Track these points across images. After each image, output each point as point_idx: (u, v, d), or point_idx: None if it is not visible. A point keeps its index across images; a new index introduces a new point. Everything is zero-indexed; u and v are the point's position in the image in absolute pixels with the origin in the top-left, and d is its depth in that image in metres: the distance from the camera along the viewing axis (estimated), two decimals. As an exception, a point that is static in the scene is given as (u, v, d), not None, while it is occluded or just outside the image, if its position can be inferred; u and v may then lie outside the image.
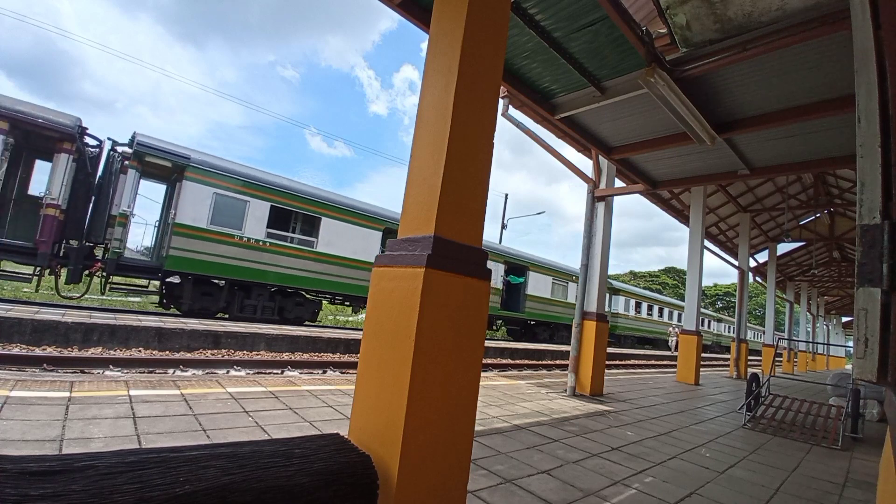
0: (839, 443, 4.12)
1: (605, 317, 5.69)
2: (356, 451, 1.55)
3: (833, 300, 26.84)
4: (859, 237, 0.96)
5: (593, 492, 2.25)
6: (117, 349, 6.27)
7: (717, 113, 4.39)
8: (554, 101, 4.55)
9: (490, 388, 5.04)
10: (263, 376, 4.25)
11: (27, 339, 5.78)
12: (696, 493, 2.43)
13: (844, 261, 16.30)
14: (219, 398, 3.08)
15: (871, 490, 2.87)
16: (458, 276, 1.66)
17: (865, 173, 0.99)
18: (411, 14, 3.30)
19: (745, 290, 11.76)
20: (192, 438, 2.24)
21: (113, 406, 2.60)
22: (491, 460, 2.53)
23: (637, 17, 4.02)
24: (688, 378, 8.39)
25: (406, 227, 1.77)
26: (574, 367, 5.44)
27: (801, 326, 24.82)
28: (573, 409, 4.43)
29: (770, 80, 3.82)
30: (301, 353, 8.02)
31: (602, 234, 5.76)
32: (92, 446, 1.99)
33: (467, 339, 1.70)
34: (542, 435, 3.24)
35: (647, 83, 3.59)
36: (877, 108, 0.99)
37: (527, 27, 3.40)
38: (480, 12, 1.78)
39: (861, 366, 0.91)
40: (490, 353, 11.24)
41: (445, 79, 1.74)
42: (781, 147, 5.01)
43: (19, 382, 2.82)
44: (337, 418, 2.98)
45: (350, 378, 4.66)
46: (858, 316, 0.93)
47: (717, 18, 3.17)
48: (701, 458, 3.19)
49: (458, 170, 1.69)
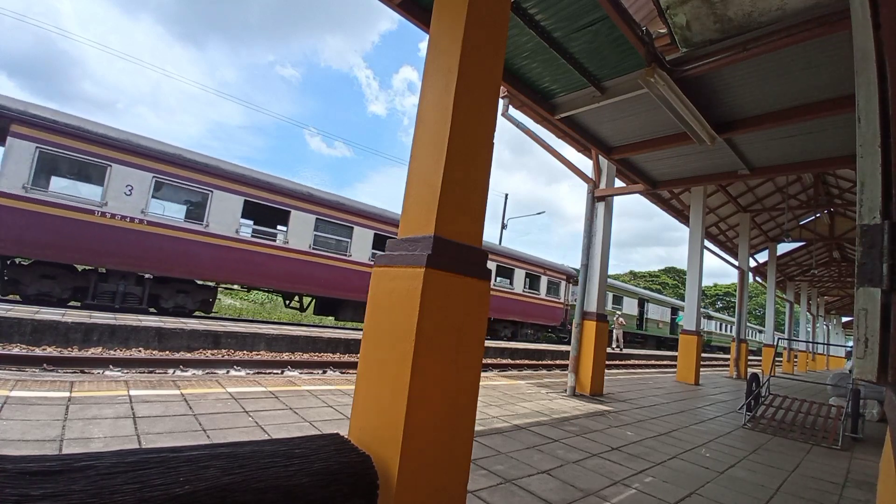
0: (839, 443, 4.12)
1: (605, 317, 5.69)
2: (356, 451, 1.55)
3: (833, 300, 26.84)
4: (859, 237, 0.95)
5: (593, 492, 2.25)
6: (117, 349, 6.27)
7: (717, 113, 4.39)
8: (554, 101, 4.55)
9: (490, 388, 5.04)
10: (263, 376, 4.25)
11: (27, 339, 5.78)
12: (696, 493, 2.43)
13: (844, 261, 16.30)
14: (219, 398, 3.08)
15: (871, 490, 2.87)
16: (458, 276, 1.66)
17: (865, 173, 0.99)
18: (411, 14, 3.30)
19: (745, 290, 11.76)
20: (192, 438, 2.24)
21: (113, 406, 2.60)
22: (491, 460, 2.53)
23: (637, 17, 4.02)
24: (688, 378, 8.38)
25: (406, 227, 1.77)
26: (574, 367, 5.43)
27: (801, 326, 24.82)
28: (573, 409, 4.43)
29: (770, 80, 3.82)
30: (301, 353, 8.03)
31: (602, 234, 5.76)
32: (92, 446, 1.98)
33: (467, 339, 1.70)
34: (542, 435, 3.24)
35: (647, 83, 3.59)
36: (877, 108, 0.99)
37: (527, 27, 3.40)
38: (480, 12, 1.78)
39: (861, 366, 0.91)
40: (490, 353, 11.23)
41: (445, 79, 1.74)
42: (781, 147, 5.01)
43: (19, 382, 2.82)
44: (337, 418, 2.98)
45: (350, 378, 4.66)
46: (858, 316, 0.93)
47: (717, 18, 3.17)
48: (701, 458, 3.19)
49: (458, 170, 1.69)
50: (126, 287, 8.67)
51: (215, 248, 9.42)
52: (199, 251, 9.21)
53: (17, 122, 7.34)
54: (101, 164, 8.06)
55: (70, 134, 7.75)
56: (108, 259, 8.25)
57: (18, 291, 7.96)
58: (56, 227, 7.62)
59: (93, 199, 8.04)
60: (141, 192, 8.48)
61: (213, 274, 9.53)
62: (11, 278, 7.84)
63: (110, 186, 8.13)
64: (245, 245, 9.91)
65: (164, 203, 9.43)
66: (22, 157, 7.34)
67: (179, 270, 9.09)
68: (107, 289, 8.51)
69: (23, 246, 7.45)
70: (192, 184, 9.14)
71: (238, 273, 9.80)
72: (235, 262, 9.72)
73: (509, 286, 16.25)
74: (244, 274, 9.89)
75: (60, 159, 7.79)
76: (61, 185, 8.15)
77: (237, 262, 9.74)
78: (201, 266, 9.29)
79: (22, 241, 7.39)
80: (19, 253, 7.55)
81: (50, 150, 7.57)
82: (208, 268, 9.38)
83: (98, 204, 8.03)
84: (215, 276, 9.61)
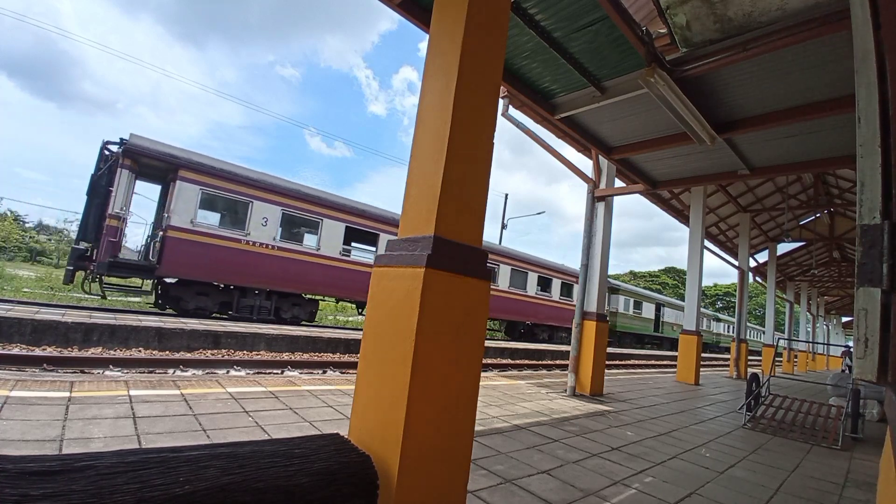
0: (839, 443, 4.12)
1: (605, 317, 5.69)
2: (356, 451, 1.55)
3: (833, 300, 26.84)
4: (859, 237, 0.95)
5: (593, 492, 2.25)
6: (117, 349, 6.27)
7: (717, 113, 4.39)
8: (554, 101, 4.55)
9: (490, 388, 5.04)
10: (263, 376, 4.25)
11: (27, 339, 5.78)
12: (696, 493, 2.43)
13: (844, 261, 16.29)
14: (219, 398, 3.08)
15: (871, 490, 2.87)
16: (458, 276, 1.66)
17: (865, 173, 0.99)
18: (411, 14, 3.30)
19: (745, 290, 11.76)
20: (192, 438, 2.24)
21: (113, 406, 2.60)
22: (491, 460, 2.53)
23: (637, 17, 4.02)
24: (688, 378, 8.38)
25: (406, 227, 1.77)
26: (574, 367, 5.43)
27: (801, 326, 24.83)
28: (573, 409, 4.43)
29: (770, 80, 3.82)
30: (301, 353, 8.02)
31: (602, 234, 5.76)
32: (92, 446, 1.98)
33: (467, 339, 1.70)
34: (542, 435, 3.24)
35: (647, 83, 3.59)
36: (877, 108, 0.99)
37: (527, 27, 3.40)
38: (480, 12, 1.78)
39: (861, 366, 0.91)
40: (490, 353, 11.23)
41: (445, 79, 1.74)
42: (781, 147, 5.01)
43: (19, 382, 2.82)
44: (337, 418, 2.98)
45: (350, 378, 4.66)
46: (858, 316, 0.93)
47: (717, 18, 3.17)
48: (701, 458, 3.19)
49: (458, 170, 1.69)
50: (260, 301, 10.18)
51: (325, 268, 11.06)
52: (313, 270, 10.85)
53: (184, 168, 8.91)
54: (245, 200, 9.79)
55: (223, 177, 9.44)
56: (249, 279, 9.83)
57: (179, 307, 9.36)
58: (213, 253, 9.28)
59: (239, 229, 9.73)
60: (273, 223, 10.19)
61: (322, 289, 11.17)
62: (175, 295, 9.30)
63: (252, 219, 9.85)
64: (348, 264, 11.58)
65: (289, 231, 10.90)
66: (189, 198, 8.96)
67: (297, 286, 10.71)
68: (246, 303, 10.00)
69: (189, 269, 9.02)
70: (309, 214, 10.85)
71: (341, 288, 11.43)
72: (340, 279, 11.33)
73: (548, 295, 18.35)
74: (345, 288, 11.51)
75: (217, 198, 9.49)
76: (217, 219, 9.85)
77: (341, 279, 11.37)
78: (314, 282, 10.93)
79: (188, 265, 8.97)
80: (186, 275, 9.06)
81: (209, 191, 9.27)
82: (320, 283, 11.03)
83: (243, 233, 9.74)
84: (324, 290, 11.23)
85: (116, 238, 8.52)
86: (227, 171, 9.49)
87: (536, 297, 17.52)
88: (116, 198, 8.45)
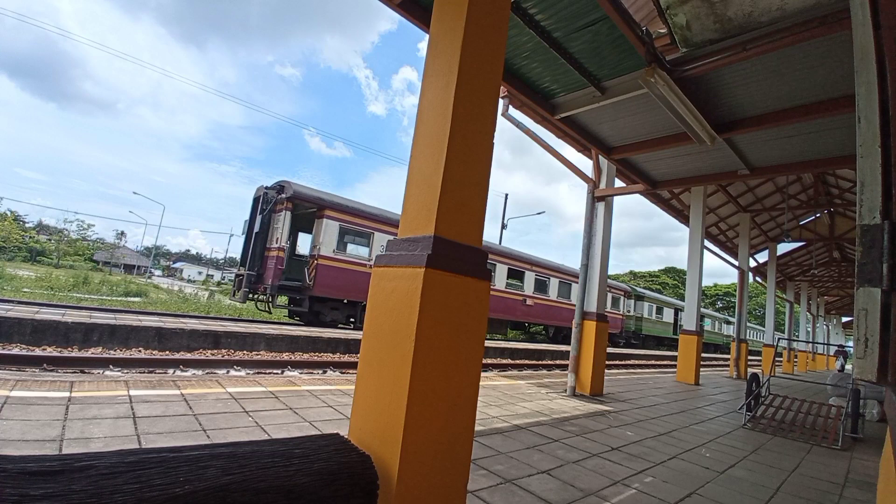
0: (839, 443, 4.12)
1: (605, 317, 5.69)
2: (356, 451, 1.55)
3: (833, 300, 26.83)
4: (859, 237, 0.95)
5: (593, 492, 2.25)
6: (117, 349, 6.27)
7: (717, 113, 4.39)
8: (554, 101, 4.55)
9: (490, 388, 5.04)
10: (263, 376, 4.25)
11: (27, 339, 5.78)
12: (696, 493, 2.43)
13: (844, 261, 16.29)
14: (219, 398, 3.08)
15: (871, 490, 2.87)
16: (458, 276, 1.66)
17: (865, 173, 0.99)
18: (411, 14, 3.29)
19: (745, 290, 11.76)
20: (192, 438, 2.24)
21: (113, 406, 2.60)
22: (491, 460, 2.53)
23: (637, 17, 4.02)
24: (688, 378, 8.38)
25: (406, 227, 1.77)
26: (574, 367, 5.43)
27: (801, 326, 24.83)
28: (573, 409, 4.43)
29: (770, 80, 3.82)
30: (301, 353, 8.02)
31: (602, 234, 5.76)
32: (92, 446, 1.98)
33: (467, 339, 1.70)
34: (542, 435, 3.24)
35: (647, 83, 3.59)
36: (877, 108, 0.99)
37: (527, 27, 3.40)
38: (480, 12, 1.78)
39: (861, 366, 0.91)
40: (490, 353, 11.23)
41: (445, 79, 1.74)
42: (781, 147, 5.01)
43: (19, 382, 2.82)
44: (337, 418, 2.98)
45: (350, 378, 4.66)
46: (858, 316, 0.93)
47: (717, 18, 3.17)
48: (701, 458, 3.19)
49: (458, 170, 1.69)
50: None
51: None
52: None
53: (328, 209, 11.36)
54: (369, 231, 12.16)
55: (354, 213, 11.88)
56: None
57: (319, 319, 11.62)
58: (347, 276, 11.58)
59: (364, 255, 12.06)
60: None
61: None
62: (316, 310, 11.48)
63: (373, 246, 12.16)
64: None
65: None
66: (332, 232, 11.40)
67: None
68: None
69: (333, 289, 11.33)
70: None
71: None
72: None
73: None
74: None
75: (350, 231, 11.85)
76: (350, 248, 12.03)
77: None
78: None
79: (332, 286, 11.30)
80: (330, 294, 11.33)
81: (346, 226, 11.67)
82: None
83: (367, 259, 11.96)
84: None
85: (283, 266, 10.91)
86: (357, 209, 11.92)
87: (569, 304, 18.87)
88: (282, 233, 10.77)
